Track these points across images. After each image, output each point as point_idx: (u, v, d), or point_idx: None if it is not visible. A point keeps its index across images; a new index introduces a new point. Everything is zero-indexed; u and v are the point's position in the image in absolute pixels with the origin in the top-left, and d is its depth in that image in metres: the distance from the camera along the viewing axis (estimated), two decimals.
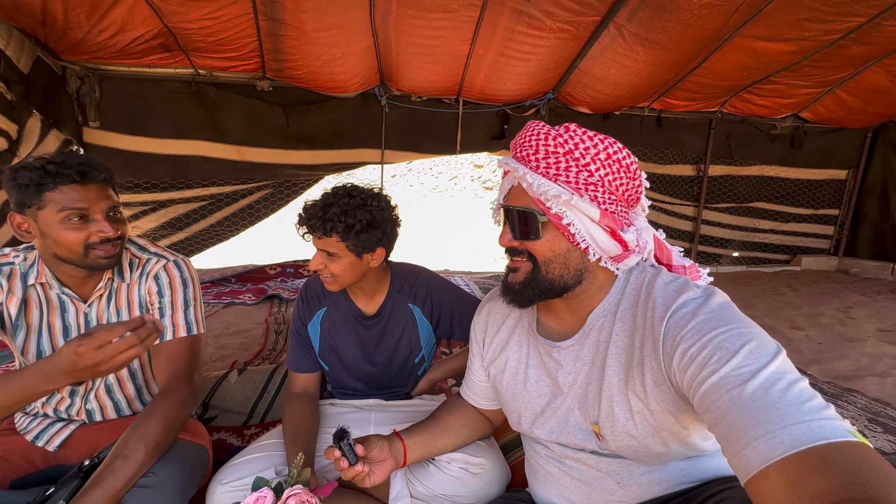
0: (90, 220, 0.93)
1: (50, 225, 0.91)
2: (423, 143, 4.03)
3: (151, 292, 1.08)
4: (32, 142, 2.62)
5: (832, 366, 2.25)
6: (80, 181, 0.91)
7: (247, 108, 3.52)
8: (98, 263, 0.96)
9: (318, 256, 1.07)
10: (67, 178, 0.90)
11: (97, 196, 0.94)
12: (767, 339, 0.59)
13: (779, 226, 5.01)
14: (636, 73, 3.47)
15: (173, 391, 0.99)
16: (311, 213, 1.04)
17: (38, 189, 0.89)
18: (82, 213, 0.92)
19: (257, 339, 2.47)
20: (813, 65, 3.49)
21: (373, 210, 1.05)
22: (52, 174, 0.90)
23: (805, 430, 0.48)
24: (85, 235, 0.93)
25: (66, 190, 0.90)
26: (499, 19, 2.89)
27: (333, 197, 1.05)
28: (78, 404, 1.07)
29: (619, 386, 0.71)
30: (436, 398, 1.31)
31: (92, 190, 0.93)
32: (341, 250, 1.04)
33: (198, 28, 2.82)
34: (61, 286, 1.01)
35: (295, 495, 0.78)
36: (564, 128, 0.72)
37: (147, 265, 1.10)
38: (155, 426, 0.91)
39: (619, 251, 0.72)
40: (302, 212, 1.07)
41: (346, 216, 1.02)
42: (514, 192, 0.75)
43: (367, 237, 1.04)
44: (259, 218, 3.93)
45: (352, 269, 1.07)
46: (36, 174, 0.89)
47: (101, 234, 0.94)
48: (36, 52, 2.64)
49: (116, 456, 0.85)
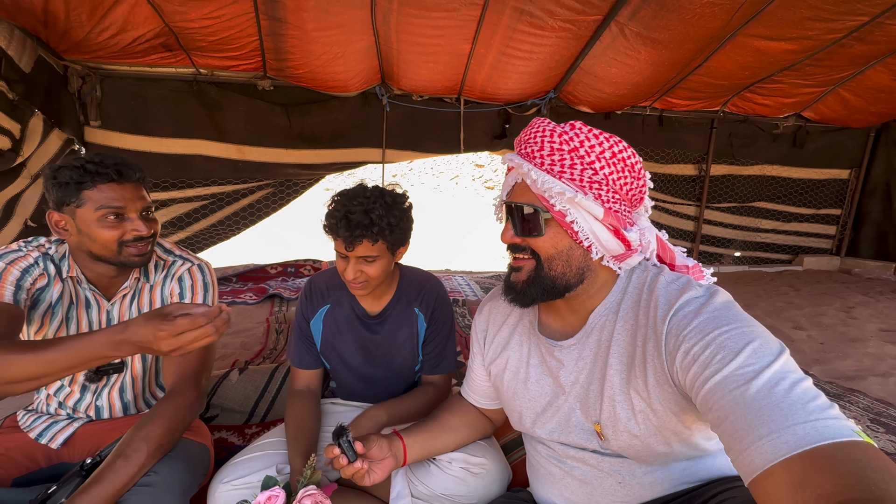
0: (125, 219, 0.97)
1: (87, 222, 0.95)
2: (425, 142, 4.02)
3: (174, 293, 1.10)
4: (35, 141, 2.62)
5: (834, 366, 2.25)
6: (117, 180, 0.95)
7: (248, 108, 3.52)
8: (130, 261, 1.00)
9: (355, 264, 1.02)
10: (105, 177, 0.94)
11: (132, 195, 0.98)
12: (771, 338, 0.59)
13: (781, 225, 4.99)
14: (638, 72, 3.46)
15: (180, 394, 1.00)
16: (357, 223, 0.97)
17: (78, 187, 0.93)
18: (118, 211, 0.96)
19: (258, 338, 2.48)
20: (815, 64, 3.48)
21: (401, 207, 1.06)
22: (91, 173, 0.93)
23: (809, 430, 0.47)
24: (120, 233, 0.96)
25: (104, 188, 0.94)
26: (500, 18, 2.89)
27: (367, 200, 1.00)
28: (88, 400, 1.08)
29: (620, 385, 0.71)
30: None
31: (128, 189, 0.97)
32: (382, 252, 1.03)
33: (199, 27, 2.82)
34: (88, 283, 1.04)
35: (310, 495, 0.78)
36: (570, 125, 0.72)
37: (172, 267, 1.12)
38: (159, 428, 0.91)
39: (621, 250, 0.72)
40: (335, 220, 0.99)
41: (389, 216, 1.00)
42: (518, 189, 0.75)
43: (402, 233, 1.05)
44: (260, 217, 3.93)
45: (387, 269, 1.08)
46: (76, 173, 0.93)
47: (135, 231, 0.97)
48: (38, 51, 2.64)
49: (118, 455, 0.85)
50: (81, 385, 1.07)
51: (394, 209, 1.03)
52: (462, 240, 8.72)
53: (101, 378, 1.07)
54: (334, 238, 1.02)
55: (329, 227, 1.02)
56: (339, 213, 0.99)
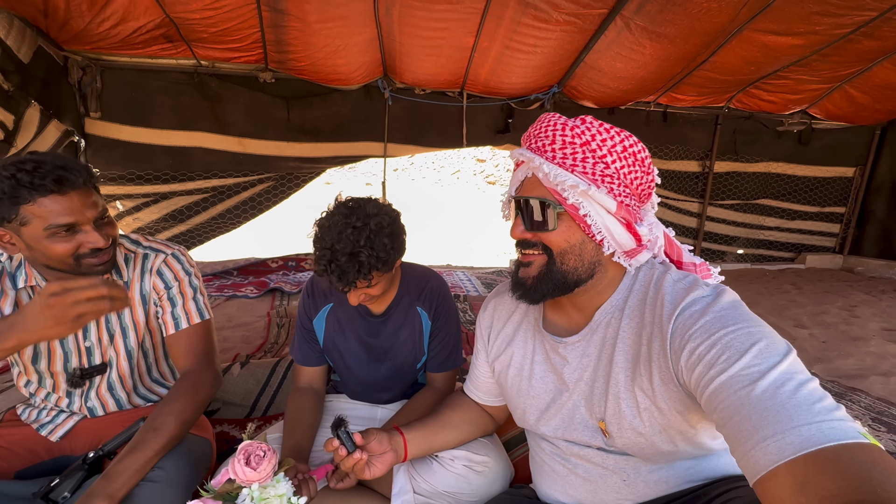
0: (78, 231, 0.87)
1: (36, 239, 0.84)
2: (426, 136, 4.00)
3: (157, 288, 1.06)
4: (30, 132, 2.60)
5: (836, 364, 2.24)
6: (58, 190, 0.82)
7: (249, 100, 3.51)
8: (93, 271, 0.92)
9: (355, 295, 1.02)
10: (44, 189, 0.81)
11: (81, 205, 0.85)
12: (777, 338, 0.58)
13: (784, 223, 4.97)
14: (643, 66, 3.43)
15: (198, 373, 1.01)
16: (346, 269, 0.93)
17: (14, 202, 0.80)
18: (69, 226, 0.85)
19: (259, 332, 2.48)
20: (822, 59, 3.44)
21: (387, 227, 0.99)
22: (25, 185, 0.80)
23: (815, 431, 0.47)
24: (74, 246, 0.87)
25: (45, 202, 0.81)
26: (504, 11, 2.86)
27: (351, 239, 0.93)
28: (77, 402, 1.06)
29: (625, 383, 0.71)
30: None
31: (74, 199, 0.84)
32: (380, 277, 1.01)
33: (200, 18, 2.79)
34: None
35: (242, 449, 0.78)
36: (581, 119, 0.71)
37: (147, 261, 1.07)
38: (184, 403, 0.93)
39: (633, 244, 0.71)
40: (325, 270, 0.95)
41: (378, 249, 0.95)
42: (528, 184, 0.74)
43: (395, 254, 1.01)
44: (261, 210, 3.92)
45: (389, 283, 1.09)
46: (7, 185, 0.79)
47: (90, 244, 0.88)
48: (37, 41, 2.62)
49: (148, 429, 0.88)
50: (66, 391, 1.05)
51: (380, 236, 0.96)
52: (463, 235, 8.71)
53: (84, 382, 1.04)
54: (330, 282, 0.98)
55: (319, 273, 0.98)
56: (325, 260, 0.95)
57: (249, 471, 0.76)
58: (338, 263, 0.94)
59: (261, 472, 0.76)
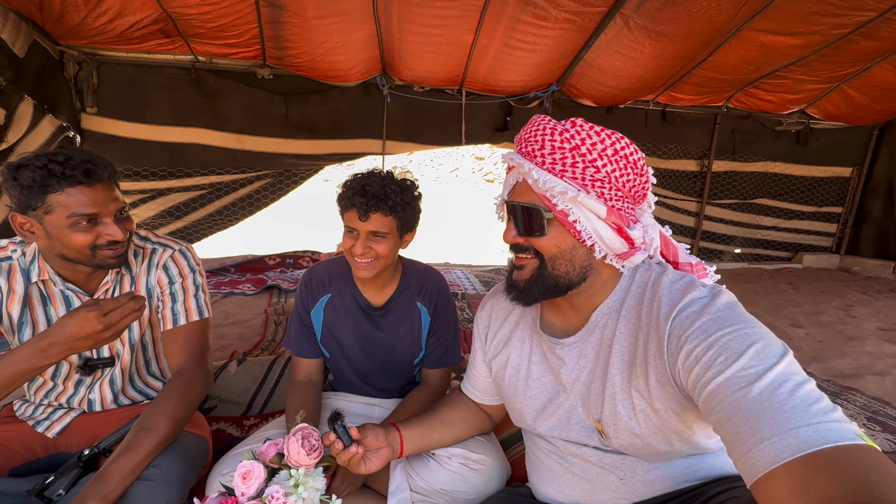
0: (99, 223, 0.91)
1: (58, 227, 0.88)
2: (425, 133, 3.99)
3: (162, 283, 1.08)
4: (23, 127, 2.57)
5: (832, 364, 2.26)
6: (86, 182, 0.87)
7: (247, 96, 3.48)
8: (107, 263, 0.95)
9: (364, 240, 1.04)
10: (73, 180, 0.86)
11: (105, 198, 0.90)
12: (774, 339, 0.58)
13: (781, 223, 4.98)
14: (642, 65, 3.42)
15: (190, 371, 1.01)
16: (372, 192, 1.00)
17: (42, 190, 0.85)
18: (91, 217, 0.89)
19: (256, 329, 2.47)
20: (821, 59, 3.45)
21: (413, 190, 1.09)
22: (56, 175, 0.85)
23: (812, 433, 0.47)
24: (93, 237, 0.91)
25: (72, 192, 0.86)
26: (504, 8, 2.84)
27: (383, 178, 1.04)
28: (82, 393, 1.07)
29: (622, 384, 0.71)
30: None
31: (99, 191, 0.89)
32: (392, 229, 1.05)
33: (197, 13, 2.77)
34: (65, 282, 1.00)
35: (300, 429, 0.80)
36: (571, 122, 0.70)
37: (154, 256, 1.09)
38: (176, 402, 0.94)
39: (625, 248, 0.71)
40: (351, 191, 1.03)
41: (403, 194, 1.04)
42: (519, 188, 0.74)
43: (412, 214, 1.08)
44: (258, 207, 3.90)
45: (394, 251, 1.09)
46: (39, 174, 0.84)
47: (109, 236, 0.92)
48: (33, 36, 2.59)
49: (140, 430, 0.88)
50: (76, 381, 1.06)
51: (407, 190, 1.07)
52: (463, 233, 8.71)
53: (95, 370, 1.06)
54: (348, 209, 1.04)
55: (344, 196, 1.04)
56: (356, 185, 1.03)
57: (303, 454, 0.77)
58: (367, 187, 1.01)
59: (311, 459, 0.78)
